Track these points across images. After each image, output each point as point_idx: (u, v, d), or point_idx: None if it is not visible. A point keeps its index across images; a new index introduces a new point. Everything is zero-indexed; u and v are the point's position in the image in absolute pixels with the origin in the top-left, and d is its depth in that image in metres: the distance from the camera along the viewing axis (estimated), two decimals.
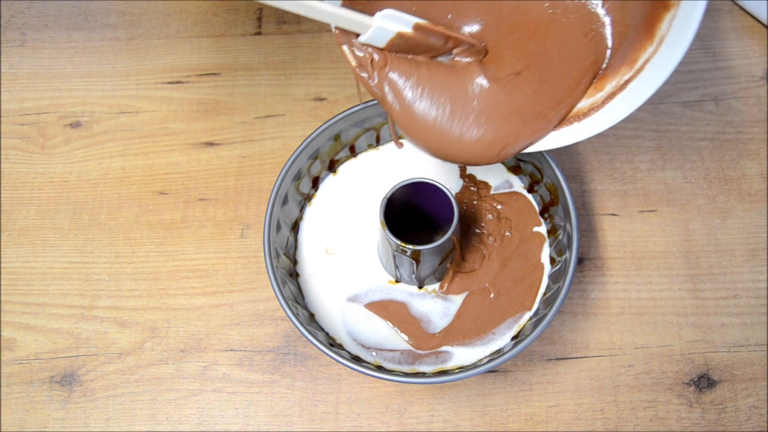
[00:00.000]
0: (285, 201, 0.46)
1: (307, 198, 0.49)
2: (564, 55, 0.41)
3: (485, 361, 0.41)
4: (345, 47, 0.38)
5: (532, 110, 0.40)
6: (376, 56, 0.38)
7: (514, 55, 0.41)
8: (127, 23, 0.59)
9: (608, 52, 0.42)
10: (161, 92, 0.56)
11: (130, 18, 0.60)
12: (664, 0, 0.39)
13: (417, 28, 0.38)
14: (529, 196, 0.48)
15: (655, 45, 0.40)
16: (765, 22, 0.57)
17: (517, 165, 0.48)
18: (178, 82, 0.57)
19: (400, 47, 0.38)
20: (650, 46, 0.40)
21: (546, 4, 0.41)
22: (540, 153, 0.44)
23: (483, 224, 0.47)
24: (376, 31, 0.37)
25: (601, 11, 0.42)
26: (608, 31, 0.42)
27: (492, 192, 0.48)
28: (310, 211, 0.48)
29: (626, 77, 0.41)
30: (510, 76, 0.41)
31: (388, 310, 0.45)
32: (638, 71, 0.41)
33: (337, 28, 0.37)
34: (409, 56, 0.40)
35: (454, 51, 0.40)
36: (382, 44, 0.38)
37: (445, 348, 0.44)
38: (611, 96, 0.41)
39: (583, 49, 0.41)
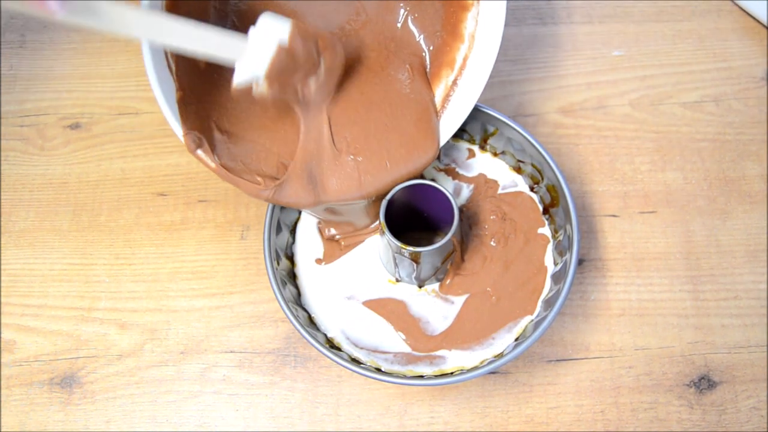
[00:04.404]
0: None
1: None
2: (401, 101, 0.43)
3: (486, 363, 0.41)
4: (201, 152, 0.38)
5: (396, 148, 0.42)
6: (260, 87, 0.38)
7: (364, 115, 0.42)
8: None
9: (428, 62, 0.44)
10: None
11: None
12: (461, 1, 0.41)
13: (293, 30, 0.36)
14: (534, 196, 0.48)
15: (468, 42, 0.42)
16: (765, 23, 0.57)
17: (517, 165, 0.48)
18: None
19: (281, 66, 0.37)
20: (461, 44, 0.42)
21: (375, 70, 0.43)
22: (539, 154, 0.44)
23: (486, 226, 0.47)
24: (257, 45, 0.35)
25: (415, 32, 0.44)
26: (425, 50, 0.44)
27: (499, 191, 0.48)
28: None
29: (451, 78, 0.43)
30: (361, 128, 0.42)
31: (386, 308, 0.45)
32: (461, 69, 0.42)
33: (186, 134, 0.36)
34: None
35: (323, 56, 0.39)
36: (263, 69, 0.36)
37: (441, 352, 0.43)
38: (446, 99, 0.43)
39: (408, 87, 0.43)
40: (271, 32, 0.36)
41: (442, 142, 0.42)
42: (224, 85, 0.41)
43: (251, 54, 0.36)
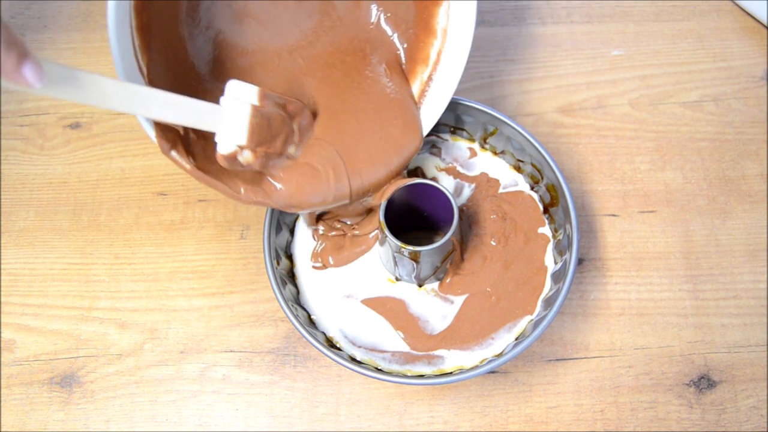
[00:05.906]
0: None
1: None
2: (384, 103, 0.43)
3: (486, 362, 0.41)
4: (174, 153, 0.36)
5: (380, 145, 0.42)
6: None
7: (350, 118, 0.42)
8: None
9: (403, 58, 0.44)
10: None
11: None
12: None
13: (261, 95, 0.36)
14: (534, 195, 0.48)
15: (441, 37, 0.42)
16: (765, 23, 0.57)
17: (517, 165, 0.48)
18: None
19: (260, 132, 0.36)
20: (434, 39, 0.42)
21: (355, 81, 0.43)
22: (539, 153, 0.44)
23: (486, 225, 0.47)
24: (232, 112, 0.35)
25: (386, 28, 0.44)
26: (399, 48, 0.44)
27: (500, 191, 0.48)
28: None
29: (426, 74, 0.43)
30: (347, 132, 0.42)
31: (385, 306, 0.45)
32: (436, 65, 0.43)
33: (159, 135, 0.35)
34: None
35: (295, 122, 0.39)
36: (243, 137, 0.36)
37: (439, 352, 0.43)
38: (422, 94, 0.43)
39: (388, 87, 0.43)
40: (241, 96, 0.36)
41: (424, 133, 0.43)
42: (199, 88, 0.40)
43: (228, 121, 0.35)
